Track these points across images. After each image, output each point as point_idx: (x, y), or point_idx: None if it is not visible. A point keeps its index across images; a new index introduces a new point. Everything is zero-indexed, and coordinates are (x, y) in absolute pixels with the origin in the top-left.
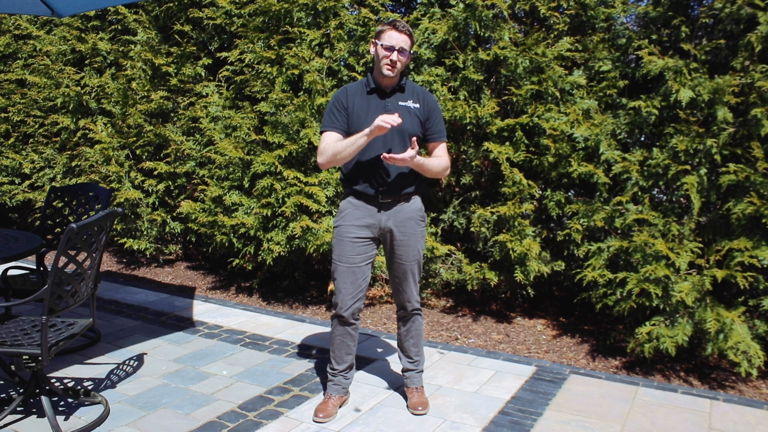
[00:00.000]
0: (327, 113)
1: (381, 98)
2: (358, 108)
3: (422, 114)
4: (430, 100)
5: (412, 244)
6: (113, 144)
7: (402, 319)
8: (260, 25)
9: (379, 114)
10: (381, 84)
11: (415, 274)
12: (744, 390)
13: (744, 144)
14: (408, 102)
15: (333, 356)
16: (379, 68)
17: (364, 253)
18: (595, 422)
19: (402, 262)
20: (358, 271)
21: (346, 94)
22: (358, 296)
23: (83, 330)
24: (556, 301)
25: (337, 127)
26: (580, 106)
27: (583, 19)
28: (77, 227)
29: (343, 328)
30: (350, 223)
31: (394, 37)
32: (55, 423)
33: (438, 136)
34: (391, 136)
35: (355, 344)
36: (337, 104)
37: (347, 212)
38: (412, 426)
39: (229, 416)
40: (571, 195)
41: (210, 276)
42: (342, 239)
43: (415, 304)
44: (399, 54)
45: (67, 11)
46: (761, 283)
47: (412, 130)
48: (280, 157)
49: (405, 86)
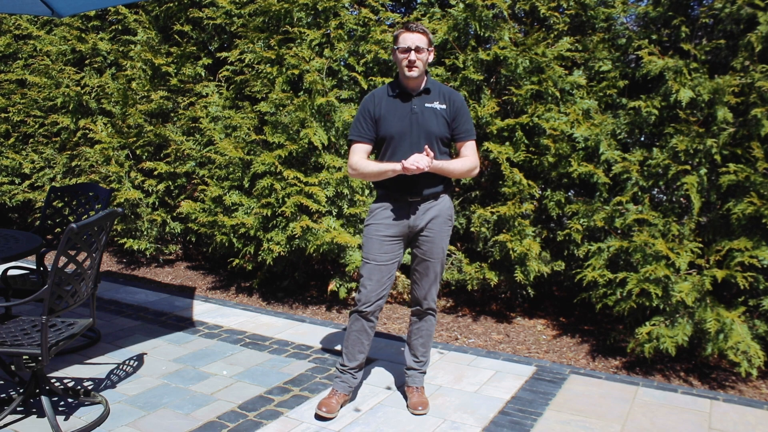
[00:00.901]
0: (355, 121)
1: (406, 101)
2: (385, 112)
3: (449, 114)
4: (456, 99)
5: (437, 242)
6: (113, 144)
7: (416, 315)
8: (260, 25)
9: (405, 117)
10: (407, 87)
11: (438, 273)
12: (744, 390)
13: (744, 144)
14: (434, 104)
15: (345, 352)
16: (402, 72)
17: (391, 252)
18: (595, 422)
19: (426, 258)
20: (384, 269)
21: (374, 100)
22: (382, 294)
23: (83, 330)
24: (556, 301)
25: (364, 137)
26: (580, 106)
27: (583, 19)
28: (77, 227)
29: (361, 324)
30: (379, 221)
31: (408, 38)
32: (55, 423)
33: (465, 136)
34: (418, 138)
35: (370, 344)
36: (364, 113)
37: (377, 212)
38: (412, 426)
39: (229, 416)
40: (571, 195)
41: (210, 276)
42: (371, 237)
43: (431, 303)
44: (416, 53)
45: (67, 11)
46: (761, 283)
47: (438, 132)
48: (280, 157)
49: (431, 88)
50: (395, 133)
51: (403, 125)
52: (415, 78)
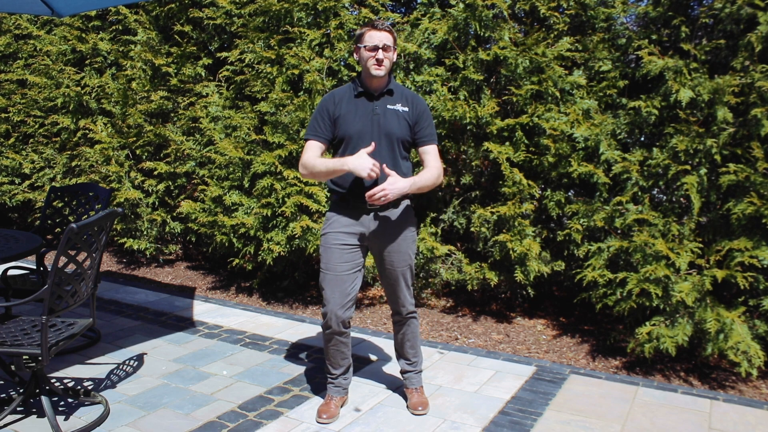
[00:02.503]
0: (312, 120)
1: (369, 101)
2: (345, 112)
3: (411, 117)
4: (419, 103)
5: (402, 250)
6: (113, 144)
7: (397, 324)
8: (260, 25)
9: (366, 118)
10: (369, 87)
11: (408, 279)
12: (744, 390)
13: (744, 144)
14: (396, 105)
15: (329, 363)
16: (367, 70)
17: (351, 261)
18: (595, 422)
19: (393, 268)
20: (346, 278)
21: (333, 99)
22: (347, 305)
23: (83, 330)
24: (556, 301)
25: (320, 136)
26: (580, 106)
27: (583, 19)
28: (77, 227)
29: (335, 339)
30: (337, 230)
31: (375, 36)
32: (55, 423)
33: (428, 140)
34: (378, 141)
35: (350, 349)
36: (322, 111)
37: (334, 219)
38: (412, 426)
39: (229, 416)
40: (571, 195)
41: (210, 276)
42: (329, 247)
43: (409, 307)
44: (384, 51)
45: (66, 11)
46: (761, 283)
47: (400, 134)
48: (280, 157)
49: (394, 89)
50: (354, 133)
51: (363, 125)
52: (380, 77)
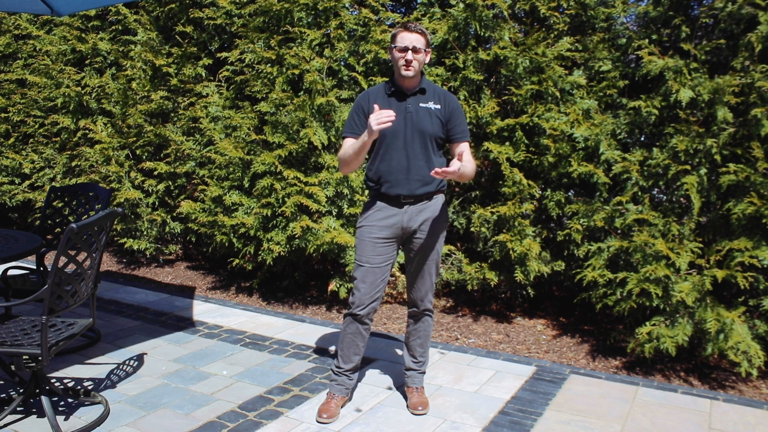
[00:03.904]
0: (348, 118)
1: (401, 100)
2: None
3: (443, 115)
4: (451, 100)
5: (432, 244)
6: (113, 144)
7: (413, 317)
8: (260, 25)
9: (399, 116)
10: (402, 86)
11: (433, 274)
12: (744, 390)
13: (744, 144)
14: (429, 103)
15: (340, 354)
16: (398, 70)
17: (384, 254)
18: (595, 422)
19: (421, 260)
20: (378, 271)
21: (368, 97)
22: (376, 296)
23: (83, 330)
24: (556, 301)
25: (355, 133)
26: (580, 106)
27: (583, 19)
28: (77, 227)
29: (356, 327)
30: (372, 223)
31: (406, 37)
32: (55, 423)
33: (461, 137)
34: (412, 137)
35: (365, 345)
36: (357, 109)
37: (370, 213)
38: (412, 426)
39: (229, 416)
40: (571, 195)
41: (210, 276)
42: (363, 239)
43: (428, 304)
44: (414, 53)
45: (66, 10)
46: (761, 283)
47: (432, 131)
48: (280, 157)
49: (426, 88)
50: (388, 131)
51: (396, 123)
52: (411, 77)
